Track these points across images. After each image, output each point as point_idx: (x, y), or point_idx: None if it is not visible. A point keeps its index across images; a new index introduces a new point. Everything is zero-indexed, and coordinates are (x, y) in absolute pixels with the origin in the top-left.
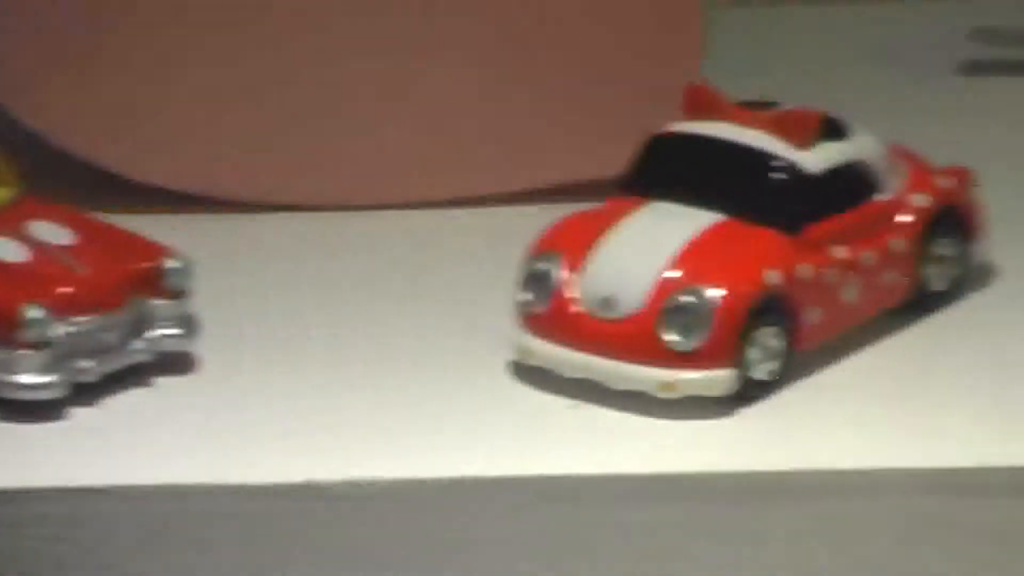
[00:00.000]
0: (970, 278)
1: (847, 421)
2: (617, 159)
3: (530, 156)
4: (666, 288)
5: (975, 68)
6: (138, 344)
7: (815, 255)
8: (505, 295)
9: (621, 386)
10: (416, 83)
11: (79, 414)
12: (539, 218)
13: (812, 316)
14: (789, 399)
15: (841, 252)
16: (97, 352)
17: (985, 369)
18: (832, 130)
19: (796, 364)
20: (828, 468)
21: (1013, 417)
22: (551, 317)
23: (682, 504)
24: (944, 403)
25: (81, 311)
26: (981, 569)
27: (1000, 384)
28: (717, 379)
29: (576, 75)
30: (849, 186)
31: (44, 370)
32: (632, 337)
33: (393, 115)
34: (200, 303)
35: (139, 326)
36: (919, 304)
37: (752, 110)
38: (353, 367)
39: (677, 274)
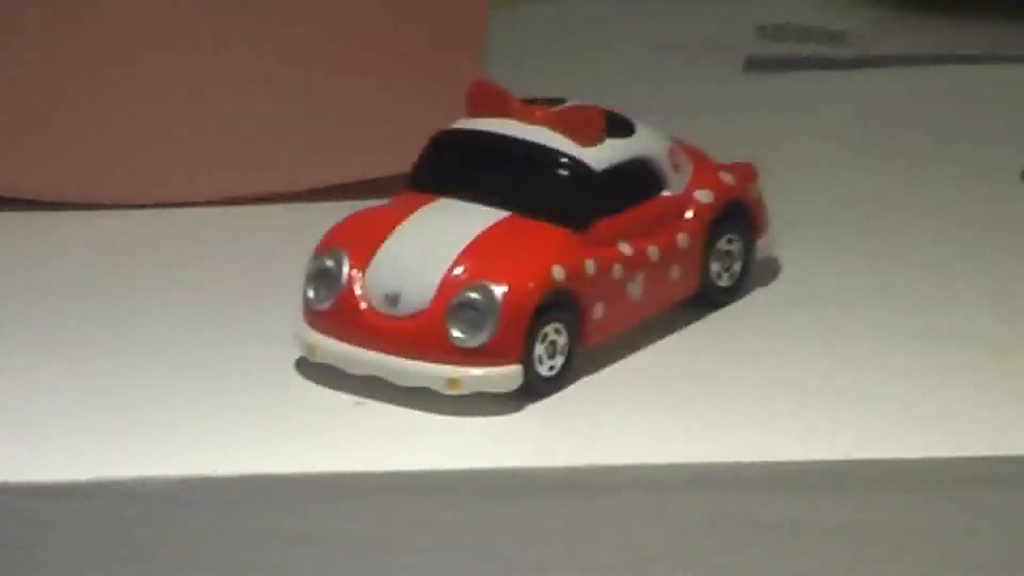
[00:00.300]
0: (754, 273)
1: (633, 416)
2: (405, 157)
3: (318, 155)
4: (452, 285)
5: (761, 64)
6: None
7: (601, 251)
8: (293, 293)
9: (407, 383)
10: (204, 82)
11: None
12: (327, 216)
13: (598, 312)
14: (575, 395)
15: (627, 248)
16: None
17: (769, 364)
18: (617, 127)
19: (582, 360)
20: (613, 464)
21: (795, 411)
22: (336, 314)
23: (467, 500)
24: (729, 398)
25: None
26: (764, 561)
27: (783, 379)
28: (503, 375)
29: (363, 73)
30: (634, 182)
31: None
32: (418, 334)
33: (182, 113)
34: None
35: None
36: (704, 299)
37: (537, 107)
38: (138, 365)
39: (463, 270)
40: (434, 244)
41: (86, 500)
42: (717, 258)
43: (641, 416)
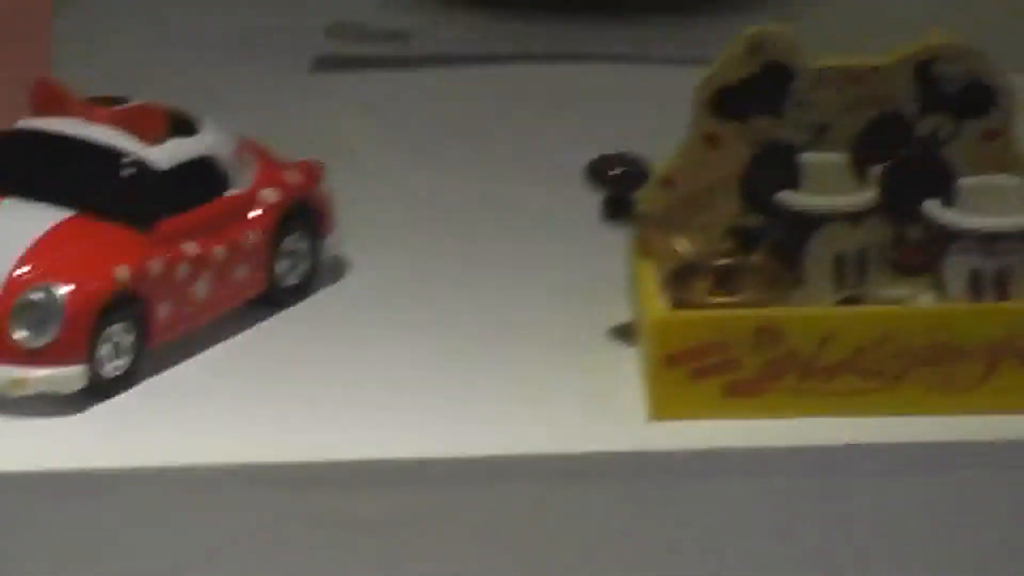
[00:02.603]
0: (321, 272)
1: (198, 417)
2: None
3: None
4: (15, 285)
5: (328, 63)
6: None
7: (166, 251)
8: None
9: None
10: None
11: None
12: None
13: (164, 312)
14: (141, 395)
15: (192, 247)
16: None
17: (337, 362)
18: (182, 125)
19: (149, 360)
20: (167, 465)
21: (361, 410)
22: None
23: (35, 500)
24: (296, 397)
25: None
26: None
27: (349, 378)
28: (67, 376)
29: None
30: (200, 181)
31: None
32: None
33: None
34: None
35: None
36: (272, 298)
37: (100, 106)
38: None
39: (26, 271)
40: None
41: None
42: (284, 257)
43: (207, 416)
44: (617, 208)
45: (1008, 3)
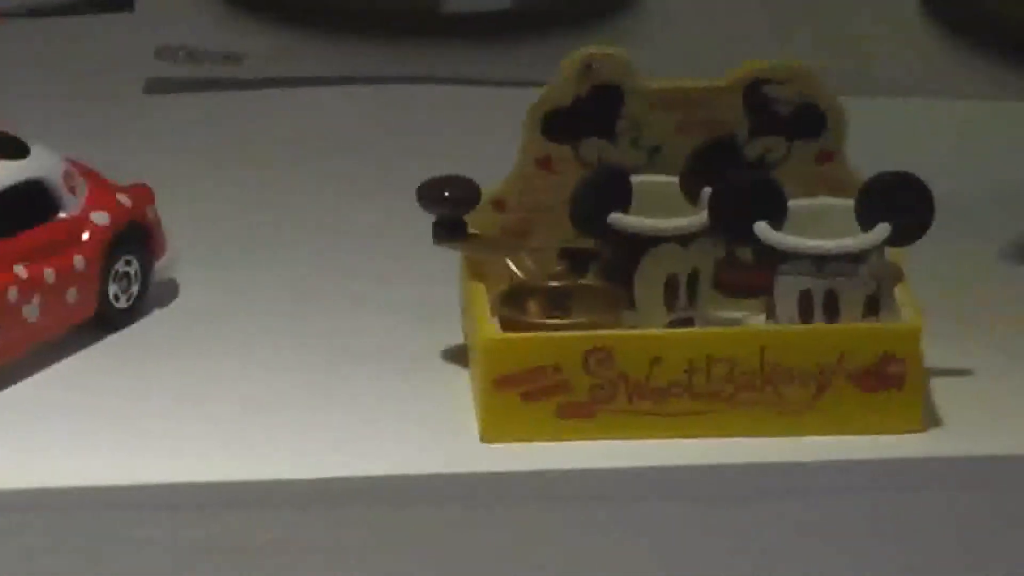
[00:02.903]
0: (152, 294)
1: (33, 438)
2: None
3: None
4: None
5: (161, 86)
6: None
7: None
8: None
9: None
10: None
11: None
12: None
13: None
14: None
15: (22, 271)
16: None
17: (168, 385)
18: (10, 148)
19: None
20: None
21: (194, 432)
22: None
23: None
24: (127, 420)
25: None
26: None
27: (180, 400)
28: None
29: None
30: (29, 205)
31: None
32: None
33: None
34: None
35: None
36: (103, 321)
37: None
38: None
39: None
40: None
41: None
42: (115, 280)
43: (37, 439)
44: (449, 230)
45: (839, 27)
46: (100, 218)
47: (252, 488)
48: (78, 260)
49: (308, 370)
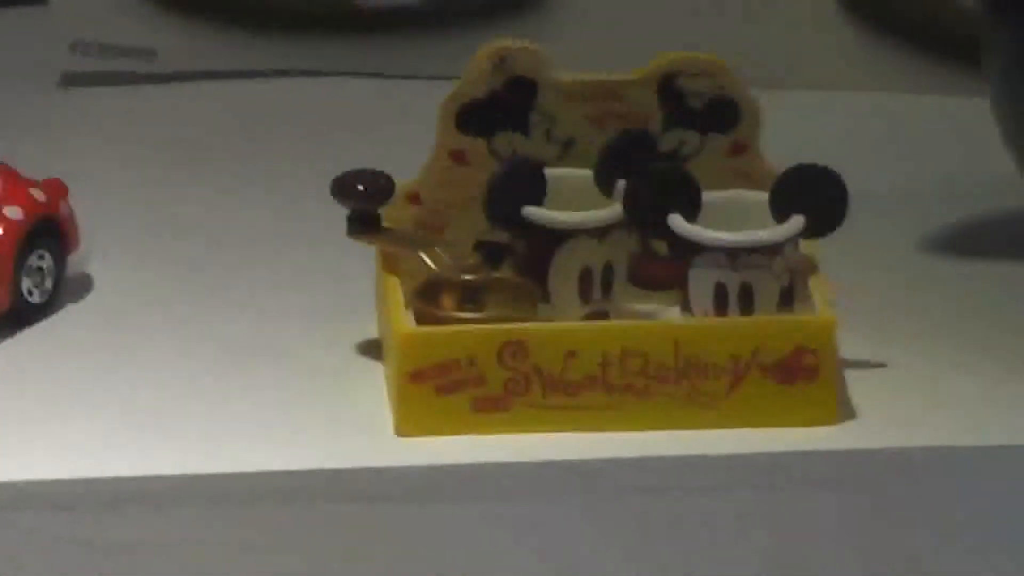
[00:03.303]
0: (66, 289)
1: None
2: None
3: None
4: None
5: (76, 80)
6: None
7: None
8: None
9: None
10: None
11: None
12: None
13: None
14: None
15: None
16: None
17: (82, 380)
18: None
19: None
20: None
21: (106, 428)
22: None
23: None
24: (42, 415)
25: None
26: None
27: (94, 395)
28: None
29: None
30: None
31: None
32: None
33: None
34: None
35: None
36: (16, 316)
37: None
38: None
39: None
40: None
41: None
42: (28, 275)
43: None
44: (363, 224)
45: (755, 20)
46: (13, 212)
47: (163, 482)
48: None
49: (222, 365)
